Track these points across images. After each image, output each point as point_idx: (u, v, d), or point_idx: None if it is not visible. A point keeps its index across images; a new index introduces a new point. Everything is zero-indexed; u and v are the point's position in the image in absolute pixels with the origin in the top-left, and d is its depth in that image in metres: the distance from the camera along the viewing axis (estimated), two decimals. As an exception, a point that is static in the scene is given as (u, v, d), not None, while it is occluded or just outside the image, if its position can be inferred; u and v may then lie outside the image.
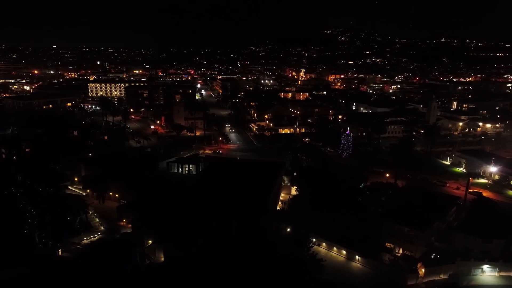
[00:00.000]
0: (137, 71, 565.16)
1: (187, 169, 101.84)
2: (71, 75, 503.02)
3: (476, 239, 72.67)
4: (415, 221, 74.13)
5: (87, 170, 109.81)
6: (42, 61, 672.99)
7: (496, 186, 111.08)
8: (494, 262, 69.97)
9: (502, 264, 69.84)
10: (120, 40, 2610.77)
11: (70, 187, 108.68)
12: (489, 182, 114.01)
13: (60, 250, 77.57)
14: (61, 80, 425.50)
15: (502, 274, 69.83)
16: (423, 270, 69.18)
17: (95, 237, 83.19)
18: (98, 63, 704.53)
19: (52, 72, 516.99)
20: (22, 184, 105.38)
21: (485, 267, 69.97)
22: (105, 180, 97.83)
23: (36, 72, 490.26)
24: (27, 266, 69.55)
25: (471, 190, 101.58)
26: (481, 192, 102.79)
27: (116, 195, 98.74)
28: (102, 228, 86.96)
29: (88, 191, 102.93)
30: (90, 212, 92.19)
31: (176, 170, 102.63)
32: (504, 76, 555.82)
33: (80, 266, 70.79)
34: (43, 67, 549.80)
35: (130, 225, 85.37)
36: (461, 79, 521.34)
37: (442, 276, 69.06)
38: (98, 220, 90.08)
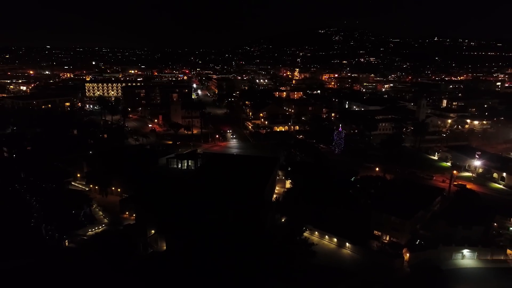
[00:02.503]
0: (132, 71, 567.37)
1: (186, 164, 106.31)
2: (67, 75, 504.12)
3: (457, 225, 78.02)
4: (401, 210, 79.32)
5: (89, 166, 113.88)
6: (36, 62, 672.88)
7: (480, 179, 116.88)
8: (473, 247, 75.33)
9: (480, 248, 75.16)
10: (114, 40, 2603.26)
11: (73, 183, 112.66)
12: (473, 175, 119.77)
13: (66, 241, 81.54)
14: (56, 80, 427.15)
15: (480, 258, 75.19)
16: (408, 255, 74.43)
17: (99, 228, 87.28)
18: (94, 63, 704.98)
19: (47, 72, 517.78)
20: (25, 181, 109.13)
21: (465, 251, 75.21)
22: (107, 176, 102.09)
23: (31, 72, 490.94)
24: (33, 256, 73.48)
25: (456, 183, 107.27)
26: (465, 185, 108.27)
27: (118, 190, 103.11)
28: (105, 220, 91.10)
29: (91, 186, 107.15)
30: (94, 206, 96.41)
31: (175, 166, 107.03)
32: (494, 75, 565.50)
33: (86, 256, 74.94)
34: (38, 68, 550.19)
35: (132, 217, 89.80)
36: (453, 78, 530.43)
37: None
38: (101, 213, 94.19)
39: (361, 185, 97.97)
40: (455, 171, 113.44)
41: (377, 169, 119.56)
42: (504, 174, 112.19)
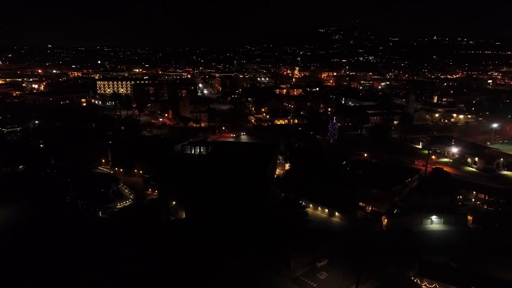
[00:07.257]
0: (137, 70, 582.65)
1: (198, 150, 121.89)
2: (75, 74, 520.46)
3: (426, 196, 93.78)
4: (381, 184, 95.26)
5: (113, 153, 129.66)
6: (39, 60, 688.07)
7: (456, 163, 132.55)
8: (440, 213, 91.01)
9: (446, 215, 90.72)
10: (114, 39, 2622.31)
11: (99, 168, 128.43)
12: (450, 160, 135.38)
13: (100, 212, 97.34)
14: (65, 78, 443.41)
15: (446, 223, 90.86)
16: (386, 221, 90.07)
17: (127, 202, 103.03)
18: (99, 62, 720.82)
19: (55, 71, 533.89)
20: (56, 166, 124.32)
21: (433, 217, 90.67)
22: (131, 159, 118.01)
23: (40, 71, 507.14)
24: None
25: (434, 167, 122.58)
26: (442, 168, 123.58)
27: (140, 172, 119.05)
28: (131, 196, 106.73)
29: (115, 169, 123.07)
30: (121, 185, 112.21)
31: (189, 151, 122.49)
32: (489, 73, 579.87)
33: (118, 223, 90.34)
34: (45, 67, 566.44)
35: (155, 193, 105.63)
36: (448, 76, 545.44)
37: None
38: (127, 191, 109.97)
39: (351, 167, 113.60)
40: (433, 156, 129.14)
41: (365, 155, 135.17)
42: (476, 159, 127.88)
